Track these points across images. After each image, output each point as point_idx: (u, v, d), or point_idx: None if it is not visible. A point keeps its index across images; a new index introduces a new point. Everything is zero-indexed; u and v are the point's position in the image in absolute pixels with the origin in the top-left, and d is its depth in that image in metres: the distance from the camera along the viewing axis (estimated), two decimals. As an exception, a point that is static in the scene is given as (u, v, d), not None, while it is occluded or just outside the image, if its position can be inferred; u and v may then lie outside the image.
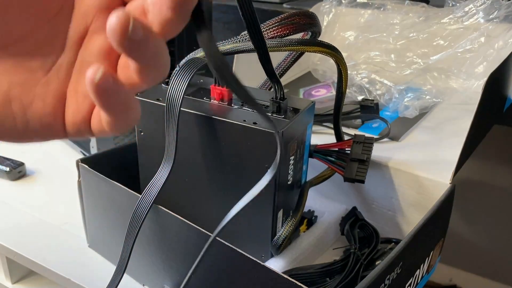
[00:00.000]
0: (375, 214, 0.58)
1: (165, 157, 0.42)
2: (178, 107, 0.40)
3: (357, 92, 0.72)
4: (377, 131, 0.64)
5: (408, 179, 0.54)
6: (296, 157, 0.46)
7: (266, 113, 0.44)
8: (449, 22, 0.75)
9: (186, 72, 0.40)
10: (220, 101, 0.46)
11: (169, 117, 0.40)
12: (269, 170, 0.35)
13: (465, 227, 1.14)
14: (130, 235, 0.42)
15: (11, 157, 0.72)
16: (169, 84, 0.40)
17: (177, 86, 0.40)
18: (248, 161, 0.43)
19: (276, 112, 0.44)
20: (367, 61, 0.76)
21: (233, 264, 0.39)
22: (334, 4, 0.82)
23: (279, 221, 0.46)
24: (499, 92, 0.63)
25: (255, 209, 0.45)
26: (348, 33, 0.81)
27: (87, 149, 0.74)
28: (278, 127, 0.41)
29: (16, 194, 0.67)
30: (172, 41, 0.73)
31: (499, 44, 0.70)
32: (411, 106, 0.67)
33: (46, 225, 0.60)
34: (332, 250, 0.55)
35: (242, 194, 0.45)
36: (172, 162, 0.41)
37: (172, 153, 0.41)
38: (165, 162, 0.42)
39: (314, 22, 0.45)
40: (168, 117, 0.40)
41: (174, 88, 0.40)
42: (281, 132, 0.41)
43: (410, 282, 0.46)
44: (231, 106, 0.45)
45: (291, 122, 0.43)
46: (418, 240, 0.43)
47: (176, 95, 0.40)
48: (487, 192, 1.10)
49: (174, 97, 0.40)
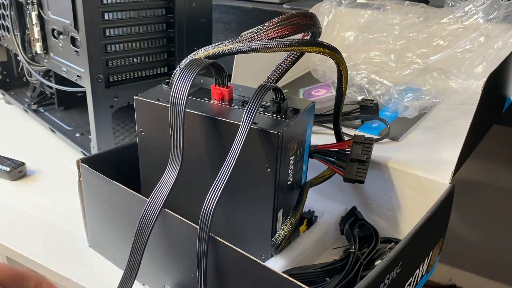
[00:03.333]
0: (374, 214, 0.58)
1: (171, 159, 0.42)
2: (183, 108, 0.40)
3: (357, 92, 0.72)
4: (376, 131, 0.64)
5: (407, 179, 0.54)
6: (296, 157, 0.46)
7: (266, 113, 0.44)
8: (449, 22, 0.75)
9: (188, 73, 0.40)
10: (220, 102, 0.46)
11: (174, 119, 0.40)
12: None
13: (465, 227, 1.14)
14: (139, 241, 0.41)
15: (12, 157, 0.72)
16: (172, 85, 0.40)
17: (181, 87, 0.40)
18: (249, 162, 0.43)
19: (276, 112, 0.44)
20: (367, 61, 0.77)
21: (233, 264, 0.39)
22: (334, 4, 0.83)
23: (279, 220, 0.46)
24: (499, 92, 0.63)
25: (255, 209, 0.45)
26: (348, 34, 0.81)
27: (88, 149, 0.74)
28: (278, 128, 0.41)
29: (17, 194, 0.67)
30: (172, 41, 0.73)
31: (499, 44, 0.70)
32: (411, 106, 0.67)
33: (47, 224, 0.60)
34: (332, 250, 0.55)
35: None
36: (180, 165, 0.41)
37: (179, 155, 0.41)
38: (172, 164, 0.42)
39: (315, 23, 0.45)
40: (173, 119, 0.40)
41: (178, 89, 0.40)
42: (281, 133, 0.41)
43: (409, 282, 0.46)
44: (232, 107, 0.45)
45: (291, 122, 0.43)
46: (417, 240, 0.43)
47: (180, 96, 0.40)
48: (486, 192, 1.10)
49: (178, 98, 0.40)
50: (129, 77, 0.71)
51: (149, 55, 0.72)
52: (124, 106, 0.70)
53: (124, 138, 0.80)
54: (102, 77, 0.67)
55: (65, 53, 0.71)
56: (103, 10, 0.65)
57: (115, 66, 0.69)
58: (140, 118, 0.48)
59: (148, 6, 0.70)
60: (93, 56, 0.66)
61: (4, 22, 0.87)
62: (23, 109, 0.93)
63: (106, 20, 0.66)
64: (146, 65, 0.73)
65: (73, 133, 0.82)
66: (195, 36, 0.76)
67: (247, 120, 0.40)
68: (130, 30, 0.69)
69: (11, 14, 0.81)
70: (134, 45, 0.70)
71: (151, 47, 0.72)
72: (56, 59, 0.75)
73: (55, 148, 0.80)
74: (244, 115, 0.40)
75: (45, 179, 0.71)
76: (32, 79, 0.89)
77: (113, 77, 0.69)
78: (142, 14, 0.69)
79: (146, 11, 0.70)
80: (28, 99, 0.94)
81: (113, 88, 0.69)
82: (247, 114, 0.40)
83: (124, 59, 0.70)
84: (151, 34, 0.71)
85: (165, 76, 0.75)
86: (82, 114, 0.83)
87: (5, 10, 0.83)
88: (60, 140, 0.82)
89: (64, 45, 0.71)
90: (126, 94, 0.69)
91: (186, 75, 0.40)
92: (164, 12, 0.72)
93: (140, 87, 0.71)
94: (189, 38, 0.75)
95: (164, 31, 0.73)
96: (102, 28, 0.66)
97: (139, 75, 0.72)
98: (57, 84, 0.83)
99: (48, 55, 0.77)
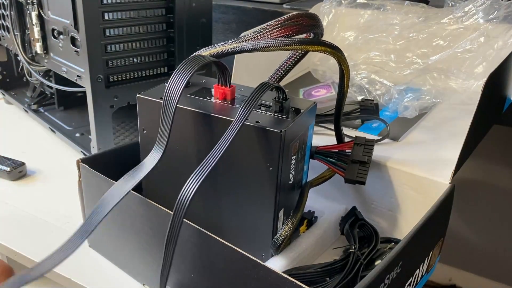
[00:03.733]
0: (374, 214, 0.58)
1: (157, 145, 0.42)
2: (175, 103, 0.40)
3: (357, 92, 0.72)
4: (377, 131, 0.64)
5: (407, 179, 0.54)
6: (297, 157, 0.46)
7: (268, 112, 0.44)
8: (449, 22, 0.75)
9: (186, 69, 0.40)
10: (223, 101, 0.46)
11: (165, 112, 0.40)
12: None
13: (465, 227, 1.14)
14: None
15: (12, 157, 0.72)
16: (168, 81, 0.41)
17: (176, 82, 0.40)
18: (250, 160, 0.43)
19: (278, 111, 0.44)
20: (367, 61, 0.77)
21: (233, 264, 0.39)
22: (334, 4, 0.83)
23: (280, 220, 0.46)
24: (499, 92, 0.63)
25: (256, 208, 0.45)
26: (348, 34, 0.81)
27: (88, 149, 0.74)
28: (281, 126, 0.42)
29: (17, 194, 0.67)
30: (172, 41, 0.73)
31: (499, 44, 0.70)
32: (411, 107, 0.67)
33: (47, 225, 0.60)
34: (332, 250, 0.55)
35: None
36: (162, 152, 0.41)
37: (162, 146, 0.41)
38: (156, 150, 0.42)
39: (317, 23, 0.46)
40: (164, 112, 0.40)
41: (173, 84, 0.40)
42: (283, 131, 0.41)
43: (409, 282, 0.46)
44: (234, 105, 0.45)
45: (293, 122, 0.43)
46: (417, 239, 0.43)
47: (173, 90, 0.40)
48: (486, 192, 1.10)
49: (171, 93, 0.40)
50: (129, 77, 0.71)
51: (149, 55, 0.73)
52: (124, 106, 0.70)
53: (124, 138, 0.80)
54: (102, 77, 0.67)
55: (65, 53, 0.71)
56: (103, 10, 0.65)
57: (115, 66, 0.69)
58: (142, 116, 0.48)
59: (148, 6, 0.70)
60: (93, 56, 0.66)
61: (4, 22, 0.87)
62: (23, 109, 0.93)
63: (106, 20, 0.66)
64: (146, 65, 0.73)
65: (73, 133, 0.82)
66: (195, 36, 0.76)
67: (242, 114, 0.40)
68: (130, 30, 0.69)
69: (11, 14, 0.81)
70: (134, 45, 0.70)
71: (151, 47, 0.72)
72: (56, 59, 0.75)
73: (55, 148, 0.80)
74: (240, 109, 0.40)
75: (45, 179, 0.71)
76: (32, 79, 0.89)
77: (113, 77, 0.69)
78: (142, 14, 0.69)
79: (146, 11, 0.70)
80: (28, 99, 0.94)
81: (113, 88, 0.69)
82: (243, 109, 0.40)
83: (124, 59, 0.70)
84: (151, 34, 0.72)
85: (165, 76, 0.75)
86: (82, 114, 0.83)
87: (5, 10, 0.83)
88: (60, 140, 0.82)
89: (64, 45, 0.71)
90: (126, 94, 0.70)
91: (182, 71, 0.40)
92: (164, 12, 0.72)
93: (140, 87, 0.71)
94: (189, 38, 0.75)
95: (164, 31, 0.73)
96: (102, 28, 0.66)
97: (139, 75, 0.72)
98: (57, 84, 0.83)
99: (48, 55, 0.77)
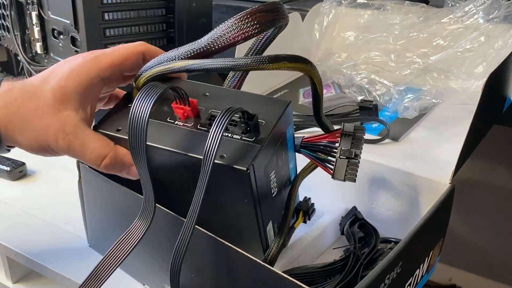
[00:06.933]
0: (374, 214, 0.58)
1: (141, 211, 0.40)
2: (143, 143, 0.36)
3: (357, 92, 0.72)
4: (377, 131, 0.64)
5: (407, 179, 0.54)
6: (277, 169, 0.42)
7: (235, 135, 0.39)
8: (449, 22, 0.75)
9: (144, 104, 0.36)
10: (185, 121, 0.41)
11: (136, 158, 0.37)
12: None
13: (465, 227, 1.14)
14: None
15: (12, 157, 0.72)
16: (129, 116, 0.36)
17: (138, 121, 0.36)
18: (223, 197, 0.40)
19: (245, 133, 0.38)
20: (367, 61, 0.77)
21: (233, 264, 0.39)
22: (334, 4, 0.83)
23: (269, 233, 0.44)
24: (499, 92, 0.63)
25: (242, 235, 0.43)
26: (348, 34, 0.81)
27: (88, 149, 0.74)
28: (247, 159, 0.37)
29: (17, 194, 0.67)
30: (172, 41, 0.73)
31: (499, 44, 0.70)
32: (411, 107, 0.67)
33: (47, 224, 0.60)
34: (332, 250, 0.55)
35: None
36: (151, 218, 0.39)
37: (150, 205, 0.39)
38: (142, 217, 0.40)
39: (278, 15, 0.39)
40: (136, 157, 0.37)
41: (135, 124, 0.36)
42: (250, 166, 0.36)
43: (410, 282, 0.46)
44: (197, 129, 0.40)
45: (262, 146, 0.38)
46: (417, 239, 0.43)
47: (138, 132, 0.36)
48: (487, 192, 1.10)
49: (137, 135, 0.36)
50: (129, 77, 0.71)
51: (149, 55, 0.73)
52: (124, 106, 0.70)
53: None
54: (102, 77, 0.67)
55: (65, 53, 0.71)
56: (103, 10, 0.65)
57: (115, 66, 0.69)
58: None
59: (148, 6, 0.70)
60: (93, 56, 0.66)
61: (4, 22, 0.87)
62: (23, 109, 0.93)
63: (106, 20, 0.66)
64: (146, 65, 0.73)
65: (73, 133, 0.82)
66: (195, 36, 0.75)
67: (207, 162, 0.35)
68: (130, 30, 0.69)
69: (11, 14, 0.81)
70: (134, 45, 0.70)
71: (151, 47, 0.72)
72: (56, 59, 0.75)
73: (55, 148, 0.80)
74: (204, 155, 0.35)
75: (46, 179, 0.71)
76: (32, 79, 0.89)
77: (113, 77, 0.69)
78: (142, 14, 0.70)
79: (146, 11, 0.70)
80: (28, 99, 0.94)
81: (113, 88, 0.69)
82: (207, 155, 0.35)
83: (124, 59, 0.70)
84: (151, 34, 0.72)
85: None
86: (82, 114, 0.82)
87: (5, 10, 0.83)
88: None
89: (64, 45, 0.71)
90: (126, 94, 0.69)
91: (140, 109, 0.36)
92: (164, 12, 0.72)
93: (140, 87, 0.71)
94: (189, 38, 0.75)
95: (164, 31, 0.73)
96: (102, 28, 0.66)
97: (139, 75, 0.72)
98: (57, 84, 0.83)
99: (48, 55, 0.77)
